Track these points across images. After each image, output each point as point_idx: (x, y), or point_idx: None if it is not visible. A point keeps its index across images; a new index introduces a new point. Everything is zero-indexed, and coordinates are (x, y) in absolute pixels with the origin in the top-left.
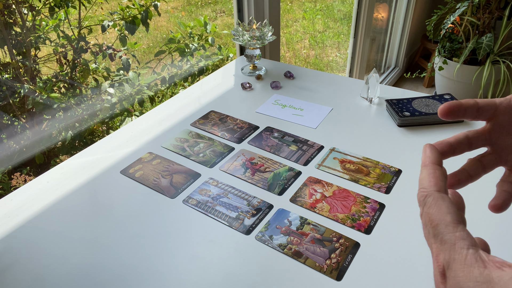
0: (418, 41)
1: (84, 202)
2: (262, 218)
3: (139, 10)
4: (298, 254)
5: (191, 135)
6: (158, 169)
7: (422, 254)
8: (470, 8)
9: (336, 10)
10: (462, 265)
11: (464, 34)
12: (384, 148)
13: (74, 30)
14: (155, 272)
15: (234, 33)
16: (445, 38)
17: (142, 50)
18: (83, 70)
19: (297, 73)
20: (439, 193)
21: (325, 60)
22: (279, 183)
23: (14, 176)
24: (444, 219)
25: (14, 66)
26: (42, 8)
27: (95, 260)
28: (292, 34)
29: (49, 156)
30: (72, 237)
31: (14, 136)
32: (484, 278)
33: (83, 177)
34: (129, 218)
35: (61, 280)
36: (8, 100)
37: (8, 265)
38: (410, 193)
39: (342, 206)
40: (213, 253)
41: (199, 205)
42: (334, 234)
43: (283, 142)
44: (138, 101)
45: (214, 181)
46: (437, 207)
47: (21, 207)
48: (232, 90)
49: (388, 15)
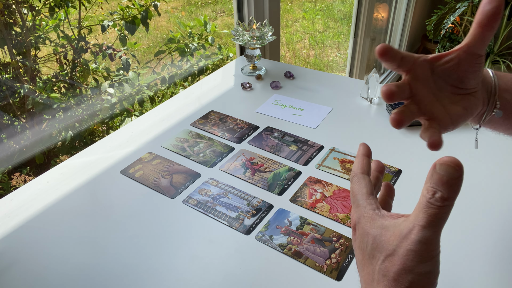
0: (418, 41)
1: (84, 202)
2: (262, 218)
3: (139, 10)
4: (298, 254)
5: (191, 135)
6: (158, 169)
7: None
8: (470, 8)
9: (336, 10)
10: (368, 220)
11: (464, 34)
12: (384, 148)
13: (74, 30)
14: (155, 272)
15: (234, 33)
16: (445, 38)
17: (142, 50)
18: (83, 70)
19: (297, 73)
20: (362, 174)
21: (325, 60)
22: (279, 183)
23: (14, 176)
24: (361, 191)
25: (14, 66)
26: (42, 8)
27: (95, 260)
28: (292, 34)
29: (49, 156)
30: (72, 237)
31: (14, 136)
32: (381, 224)
33: (83, 177)
34: (129, 218)
35: (61, 280)
36: (8, 100)
37: (8, 265)
38: (410, 193)
39: (342, 206)
40: (213, 253)
41: (199, 205)
42: (334, 234)
43: (283, 142)
44: (138, 101)
45: (214, 181)
46: (358, 183)
47: (21, 207)
48: (232, 90)
49: (388, 15)
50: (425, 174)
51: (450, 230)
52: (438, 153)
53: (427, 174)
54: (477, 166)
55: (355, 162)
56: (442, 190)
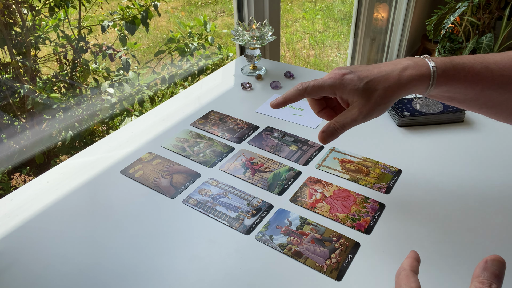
0: (418, 41)
1: (84, 202)
2: (262, 218)
3: (139, 10)
4: (298, 254)
5: (191, 135)
6: (158, 169)
7: (422, 254)
8: (470, 8)
9: (336, 10)
10: None
11: (464, 34)
12: (384, 148)
13: (74, 30)
14: (155, 272)
15: (234, 33)
16: (445, 38)
17: (142, 50)
18: (83, 70)
19: (297, 73)
20: (411, 272)
21: (325, 60)
22: (279, 183)
23: (14, 176)
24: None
25: (14, 66)
26: (42, 8)
27: (95, 260)
28: (292, 34)
29: (49, 156)
30: (72, 237)
31: (14, 136)
32: None
33: (83, 177)
34: (129, 218)
35: (61, 280)
36: (8, 100)
37: (8, 265)
38: (410, 193)
39: (342, 206)
40: (213, 253)
41: (199, 205)
42: (334, 234)
43: (283, 142)
44: (138, 101)
45: (214, 181)
46: (407, 278)
47: (21, 207)
48: (232, 90)
49: (388, 15)
50: (425, 174)
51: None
52: (438, 153)
53: (477, 267)
54: (468, 165)
55: (405, 261)
56: (496, 282)
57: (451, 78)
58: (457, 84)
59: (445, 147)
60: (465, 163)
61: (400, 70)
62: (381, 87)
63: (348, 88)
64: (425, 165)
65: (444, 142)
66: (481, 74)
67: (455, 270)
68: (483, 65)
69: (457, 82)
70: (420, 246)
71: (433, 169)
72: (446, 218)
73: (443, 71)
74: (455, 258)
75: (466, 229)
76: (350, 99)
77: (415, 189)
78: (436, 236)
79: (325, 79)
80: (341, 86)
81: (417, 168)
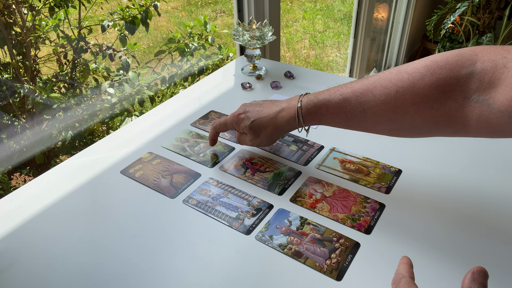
0: (418, 41)
1: (84, 202)
2: (262, 218)
3: (139, 10)
4: (298, 254)
5: (191, 135)
6: (158, 169)
7: (422, 254)
8: (470, 8)
9: (336, 10)
10: None
11: (464, 34)
12: (384, 148)
13: (74, 30)
14: (155, 272)
15: (234, 33)
16: (445, 38)
17: (142, 50)
18: (83, 70)
19: (297, 73)
20: (411, 279)
21: (325, 60)
22: (279, 183)
23: (14, 176)
24: None
25: (14, 66)
26: (42, 8)
27: (95, 260)
28: (292, 34)
29: (49, 156)
30: (72, 237)
31: (14, 136)
32: None
33: (83, 177)
34: (129, 218)
35: (61, 280)
36: (8, 100)
37: (8, 265)
38: (410, 193)
39: (342, 206)
40: (213, 253)
41: (199, 205)
42: (334, 234)
43: (283, 142)
44: (138, 101)
45: (214, 181)
46: (408, 285)
47: (21, 207)
48: (232, 90)
49: (388, 15)
50: (425, 174)
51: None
52: (438, 153)
53: (466, 279)
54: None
55: (401, 268)
56: None
57: (315, 114)
58: (323, 117)
59: (445, 147)
60: (465, 163)
61: (276, 113)
62: (264, 127)
63: (241, 126)
64: (425, 165)
65: (444, 142)
66: (340, 105)
67: (455, 270)
68: (342, 97)
69: (322, 116)
70: (420, 246)
71: (433, 169)
72: (446, 218)
73: (307, 110)
74: (455, 258)
75: (466, 229)
76: (245, 132)
77: (415, 189)
78: (436, 236)
79: (228, 118)
80: (237, 124)
81: (417, 168)
